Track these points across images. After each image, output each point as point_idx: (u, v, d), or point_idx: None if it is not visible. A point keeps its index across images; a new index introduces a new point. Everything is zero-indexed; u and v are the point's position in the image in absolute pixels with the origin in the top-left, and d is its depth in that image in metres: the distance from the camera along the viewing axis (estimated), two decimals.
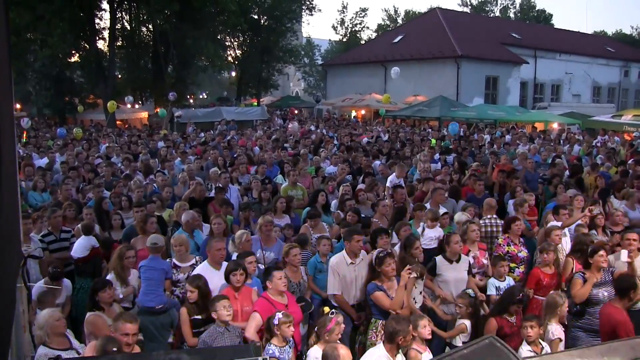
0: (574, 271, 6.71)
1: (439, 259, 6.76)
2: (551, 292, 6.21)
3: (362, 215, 8.73)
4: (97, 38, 34.11)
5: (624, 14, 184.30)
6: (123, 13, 35.87)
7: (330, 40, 67.10)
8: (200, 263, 6.74)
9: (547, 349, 5.33)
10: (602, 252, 6.38)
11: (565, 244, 7.84)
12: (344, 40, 62.45)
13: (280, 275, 5.59)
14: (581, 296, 6.11)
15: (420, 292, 6.37)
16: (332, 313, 5.22)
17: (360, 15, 62.98)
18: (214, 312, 5.14)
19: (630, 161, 13.50)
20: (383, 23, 69.14)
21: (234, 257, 6.69)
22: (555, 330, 5.50)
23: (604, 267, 6.33)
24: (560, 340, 5.48)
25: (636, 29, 70.23)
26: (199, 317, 5.52)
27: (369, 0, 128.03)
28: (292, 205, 9.27)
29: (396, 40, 41.94)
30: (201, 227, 8.12)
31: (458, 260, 6.75)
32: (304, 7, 47.49)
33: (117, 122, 31.31)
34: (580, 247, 6.91)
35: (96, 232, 8.06)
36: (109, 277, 6.48)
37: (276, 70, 48.58)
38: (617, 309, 5.72)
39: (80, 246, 7.64)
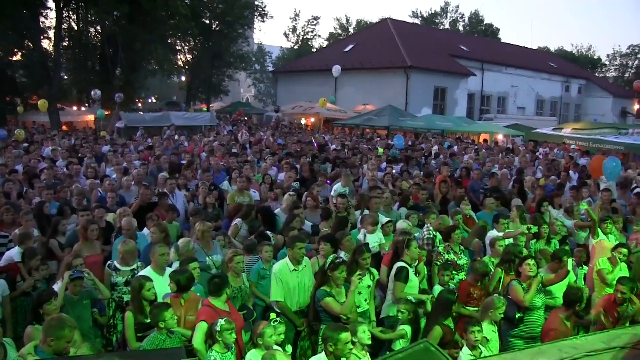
0: (501, 282, 6.87)
1: (405, 265, 6.64)
2: (494, 295, 6.34)
3: (311, 224, 8.88)
4: (42, 37, 33.12)
5: (565, 32, 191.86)
6: (70, 12, 34.88)
7: (281, 47, 67.04)
8: (141, 268, 6.66)
9: (485, 352, 5.46)
10: (528, 261, 6.64)
11: None
12: (296, 47, 62.57)
13: None
14: (530, 299, 6.29)
15: (366, 300, 6.44)
16: (275, 321, 5.25)
17: (312, 24, 63.26)
18: (161, 322, 5.06)
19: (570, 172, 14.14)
20: (335, 32, 69.56)
21: (175, 265, 6.61)
22: (486, 329, 5.62)
23: (531, 276, 6.54)
24: (487, 340, 5.59)
25: (576, 47, 74.15)
26: (146, 320, 5.41)
27: (321, 8, 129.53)
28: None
29: (347, 49, 42.29)
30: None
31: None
32: (256, 14, 47.25)
33: (63, 127, 30.48)
34: (509, 258, 7.00)
35: (32, 245, 7.43)
36: (55, 287, 6.22)
37: (227, 75, 48.21)
38: (557, 317, 5.98)
39: (4, 256, 7.29)
